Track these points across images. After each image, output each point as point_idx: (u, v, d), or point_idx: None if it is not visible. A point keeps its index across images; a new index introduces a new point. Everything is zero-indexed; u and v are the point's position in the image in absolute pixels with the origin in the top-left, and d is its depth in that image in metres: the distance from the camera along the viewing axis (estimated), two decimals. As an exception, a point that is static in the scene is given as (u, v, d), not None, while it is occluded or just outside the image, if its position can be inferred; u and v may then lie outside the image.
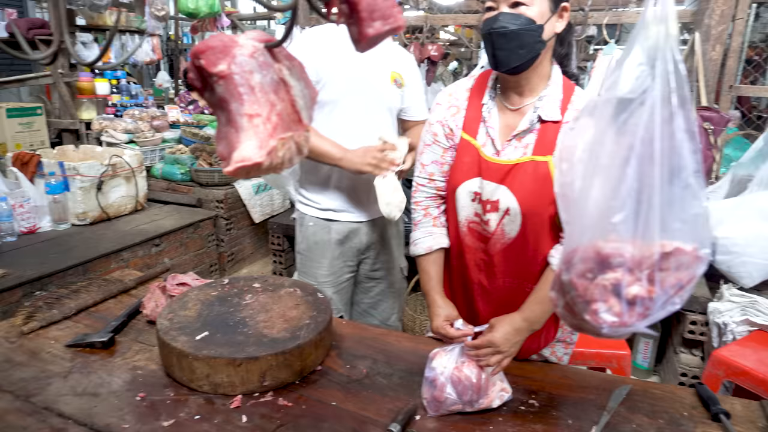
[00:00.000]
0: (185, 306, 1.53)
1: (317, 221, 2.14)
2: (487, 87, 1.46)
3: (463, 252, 1.51)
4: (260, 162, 0.70)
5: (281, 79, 0.74)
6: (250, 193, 3.86)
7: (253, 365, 1.29)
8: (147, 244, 3.17)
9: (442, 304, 1.49)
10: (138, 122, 4.41)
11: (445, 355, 1.29)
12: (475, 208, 1.45)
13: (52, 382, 1.35)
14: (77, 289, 1.87)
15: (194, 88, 0.77)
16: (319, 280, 2.16)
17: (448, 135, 1.50)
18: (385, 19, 0.59)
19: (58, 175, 3.23)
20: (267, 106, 0.71)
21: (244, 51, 0.71)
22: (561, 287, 0.74)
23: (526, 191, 1.37)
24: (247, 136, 0.70)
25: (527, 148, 1.38)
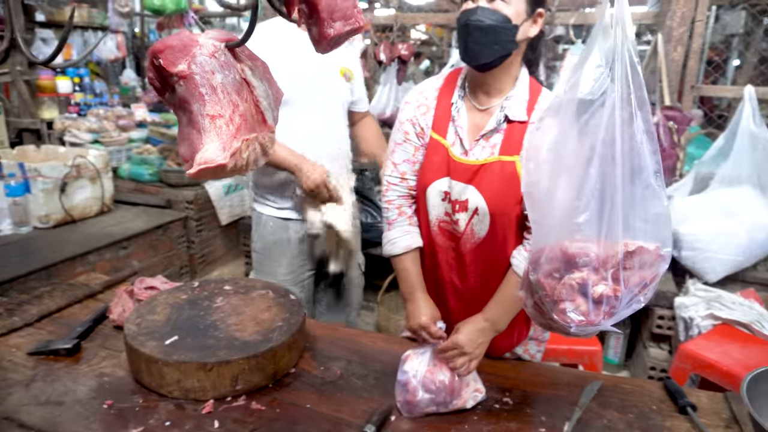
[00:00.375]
0: (154, 310, 1.50)
1: (276, 221, 2.12)
2: (456, 86, 1.47)
3: (435, 251, 1.51)
4: (224, 164, 0.68)
5: (244, 79, 0.72)
6: (220, 194, 3.80)
7: (224, 369, 1.27)
8: (114, 246, 3.09)
9: (427, 303, 1.46)
10: (103, 121, 4.29)
11: (417, 358, 1.29)
12: (446, 208, 1.45)
13: (12, 392, 1.30)
14: (40, 295, 1.81)
15: (154, 88, 0.75)
16: (279, 278, 2.13)
17: (419, 134, 1.49)
18: (346, 19, 0.59)
19: (19, 176, 3.12)
20: (229, 106, 0.69)
21: (205, 50, 0.70)
22: (529, 287, 0.74)
23: (494, 191, 1.38)
24: (209, 137, 0.68)
25: (494, 148, 1.39)
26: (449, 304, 1.53)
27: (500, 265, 1.44)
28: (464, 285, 1.50)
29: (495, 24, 1.30)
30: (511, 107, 1.38)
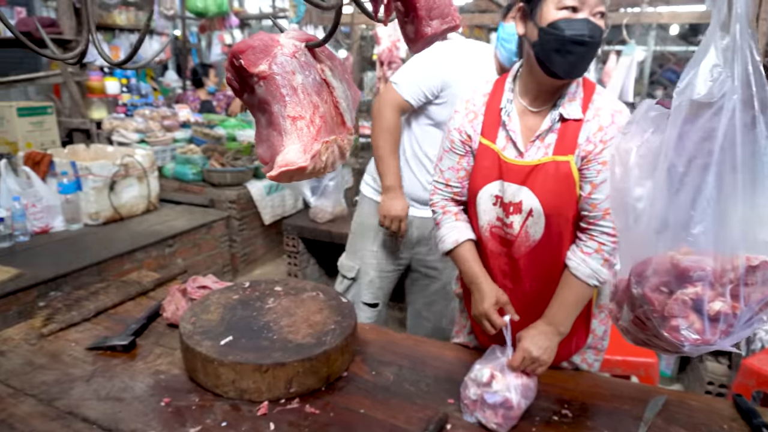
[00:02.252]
0: (207, 309, 1.51)
1: (372, 204, 2.19)
2: (505, 90, 1.44)
3: (486, 258, 1.48)
4: (305, 166, 0.67)
5: (324, 80, 0.71)
6: (262, 194, 3.84)
7: (279, 371, 1.27)
8: (160, 244, 3.15)
9: (492, 288, 1.41)
10: (149, 122, 4.40)
11: (500, 373, 1.24)
12: (497, 212, 1.43)
13: (74, 386, 1.33)
14: (95, 291, 1.85)
15: (232, 89, 0.75)
16: (365, 260, 2.21)
17: (465, 141, 1.49)
18: (443, 17, 0.57)
19: (71, 174, 3.22)
20: (310, 107, 0.68)
21: (285, 50, 0.68)
22: (630, 300, 0.70)
23: (549, 191, 1.35)
24: (290, 139, 0.67)
25: (548, 149, 1.37)
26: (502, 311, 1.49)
27: (556, 269, 1.41)
28: (519, 291, 1.46)
29: (599, 39, 1.27)
30: (566, 106, 1.35)
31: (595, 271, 1.33)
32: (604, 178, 1.30)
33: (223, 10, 5.72)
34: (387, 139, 2.09)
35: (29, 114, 4.12)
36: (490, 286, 1.42)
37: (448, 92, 2.00)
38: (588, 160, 1.32)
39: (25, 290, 2.39)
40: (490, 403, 1.21)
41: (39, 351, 1.49)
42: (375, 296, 2.27)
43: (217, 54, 7.15)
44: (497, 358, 1.30)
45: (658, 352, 0.73)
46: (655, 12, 3.11)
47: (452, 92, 1.99)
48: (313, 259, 3.57)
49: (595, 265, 1.33)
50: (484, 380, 1.24)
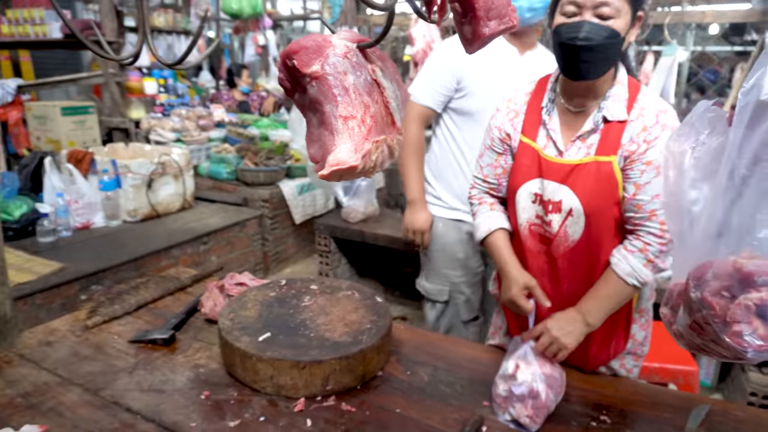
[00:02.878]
0: (245, 306, 1.53)
1: (445, 222, 2.15)
2: (547, 90, 1.45)
3: (524, 256, 1.48)
4: (355, 165, 0.68)
5: (374, 80, 0.71)
6: (294, 193, 3.89)
7: (317, 369, 1.28)
8: (195, 242, 3.22)
9: (519, 273, 1.43)
10: (185, 121, 4.50)
11: (523, 364, 1.24)
12: (537, 210, 1.43)
13: (118, 377, 1.37)
14: (136, 285, 1.90)
15: (284, 89, 0.76)
16: (455, 281, 2.15)
17: (504, 140, 1.50)
18: (501, 18, 0.57)
19: (111, 172, 3.32)
20: (361, 107, 0.69)
21: (338, 51, 0.69)
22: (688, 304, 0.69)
23: (589, 191, 1.34)
24: (342, 138, 0.68)
25: (590, 149, 1.35)
26: (539, 310, 1.48)
27: (595, 271, 1.39)
28: (557, 291, 1.45)
29: (605, 42, 1.23)
30: (610, 107, 1.34)
31: (635, 269, 1.31)
32: (648, 179, 1.28)
33: (257, 11, 5.80)
34: (412, 155, 2.10)
35: (72, 113, 4.26)
36: (519, 272, 1.44)
37: (465, 83, 1.99)
38: (631, 161, 1.31)
39: (68, 283, 2.47)
40: (518, 394, 1.21)
41: (84, 342, 1.54)
42: (473, 310, 2.22)
43: (250, 55, 7.25)
44: (520, 347, 1.31)
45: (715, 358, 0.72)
46: (697, 11, 3.03)
47: (470, 81, 1.98)
48: (344, 259, 3.59)
49: (637, 263, 1.31)
50: (510, 372, 1.26)
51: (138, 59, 0.94)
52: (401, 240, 3.18)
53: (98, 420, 1.20)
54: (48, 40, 4.47)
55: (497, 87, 1.94)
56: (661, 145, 1.27)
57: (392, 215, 3.58)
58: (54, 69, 6.68)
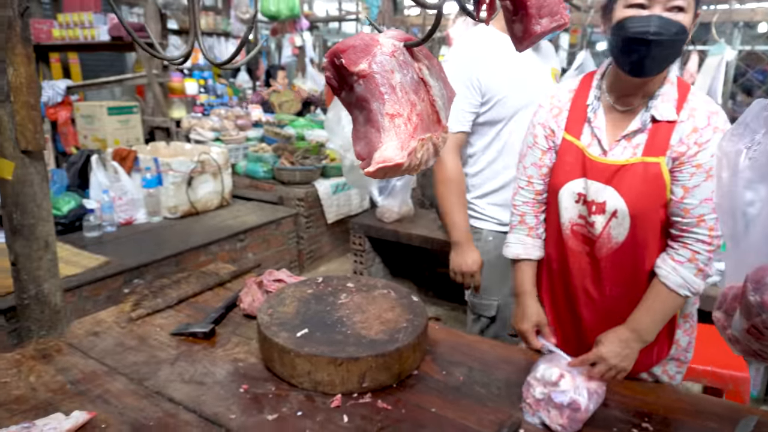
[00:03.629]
0: (283, 302, 1.56)
1: (496, 235, 2.00)
2: (592, 87, 1.41)
3: (566, 256, 1.45)
4: (401, 163, 0.68)
5: (421, 78, 0.72)
6: (329, 192, 3.92)
7: (353, 365, 1.29)
8: (233, 239, 3.29)
9: (535, 310, 1.47)
10: (224, 121, 4.59)
11: (570, 376, 1.22)
12: (579, 210, 1.40)
13: (161, 368, 1.41)
14: (177, 280, 1.95)
15: (330, 87, 0.77)
16: (503, 295, 2.00)
17: (548, 136, 1.47)
18: (552, 15, 0.56)
19: (153, 170, 3.42)
20: (408, 105, 0.69)
21: (385, 50, 0.70)
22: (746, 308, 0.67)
23: (636, 193, 1.30)
24: (388, 136, 0.68)
25: (637, 149, 1.32)
26: (581, 313, 1.45)
27: (639, 275, 1.36)
28: (600, 294, 1.42)
29: (675, 39, 1.20)
30: (659, 107, 1.30)
31: (687, 280, 1.27)
32: (697, 182, 1.25)
33: (295, 13, 5.88)
34: (451, 189, 1.94)
35: (117, 113, 4.41)
36: (534, 308, 1.47)
37: (491, 92, 1.87)
38: (681, 163, 1.27)
39: (112, 277, 2.56)
40: (557, 402, 1.19)
41: (129, 334, 1.59)
42: None
43: (287, 56, 7.36)
44: (564, 362, 1.29)
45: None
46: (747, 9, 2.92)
47: (495, 88, 1.86)
48: (378, 258, 3.61)
49: (688, 274, 1.27)
50: (553, 379, 1.23)
51: (188, 59, 0.97)
52: (435, 240, 3.18)
53: (143, 408, 1.24)
54: (96, 43, 4.64)
55: (522, 85, 1.86)
56: (712, 148, 1.23)
57: (426, 215, 3.58)
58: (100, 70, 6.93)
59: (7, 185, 1.49)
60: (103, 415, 1.21)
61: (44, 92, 4.86)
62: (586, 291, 1.42)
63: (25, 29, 1.43)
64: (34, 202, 1.52)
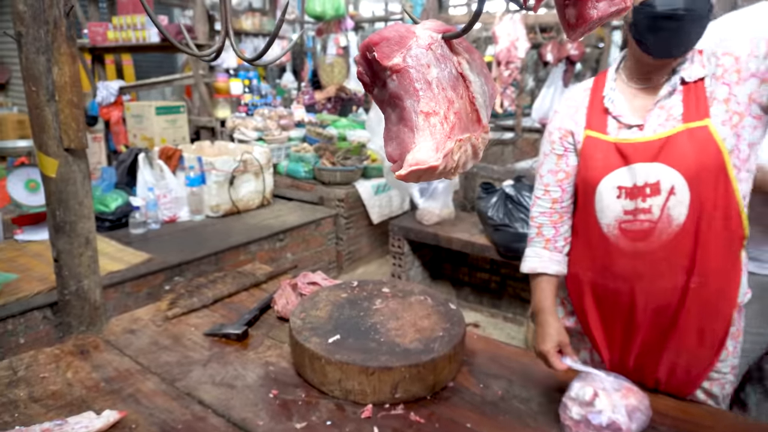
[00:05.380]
0: (316, 306, 1.52)
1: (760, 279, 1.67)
2: (607, 80, 1.38)
3: (612, 261, 1.34)
4: (436, 166, 0.63)
5: (460, 73, 0.66)
6: (370, 193, 3.89)
7: (386, 375, 1.24)
8: (272, 238, 3.29)
9: (556, 328, 1.35)
10: (267, 121, 4.63)
11: (604, 394, 1.14)
12: (624, 205, 1.30)
13: (193, 369, 1.40)
14: (214, 279, 1.95)
15: (362, 83, 0.72)
16: None
17: (563, 137, 1.43)
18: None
19: (197, 168, 3.46)
20: (444, 103, 0.64)
21: (421, 42, 0.65)
22: None
23: (689, 162, 1.22)
24: (422, 136, 0.63)
25: (672, 111, 1.26)
26: (636, 317, 1.34)
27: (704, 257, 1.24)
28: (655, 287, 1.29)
29: (703, 12, 1.16)
30: (688, 68, 1.26)
31: None
32: None
33: (340, 13, 5.88)
34: None
35: (165, 112, 4.51)
36: (555, 327, 1.35)
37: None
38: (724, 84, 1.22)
39: (154, 274, 2.60)
40: (596, 424, 1.11)
41: (164, 332, 1.59)
42: None
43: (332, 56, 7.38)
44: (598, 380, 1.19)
45: None
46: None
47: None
48: (417, 261, 3.55)
49: None
50: (587, 398, 1.15)
51: (220, 54, 0.94)
52: (475, 244, 3.09)
53: (172, 410, 1.23)
54: (146, 45, 4.76)
55: None
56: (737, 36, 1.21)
57: (467, 219, 3.49)
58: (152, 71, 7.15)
59: (50, 183, 1.51)
60: (133, 415, 1.21)
61: (98, 92, 5.04)
62: (643, 290, 1.31)
63: (70, 28, 1.45)
64: (76, 200, 1.54)
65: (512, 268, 3.41)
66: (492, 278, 3.52)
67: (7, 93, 7.66)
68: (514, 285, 3.49)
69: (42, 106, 1.45)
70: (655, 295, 1.31)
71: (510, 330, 3.30)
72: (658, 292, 1.30)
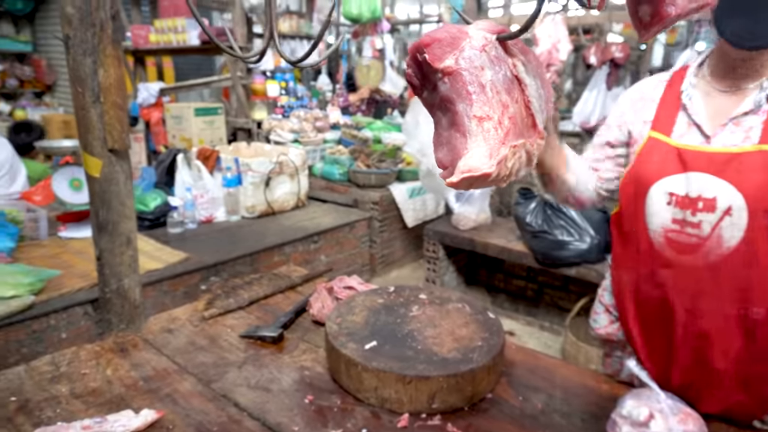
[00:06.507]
0: (353, 311, 1.50)
1: None
2: (687, 75, 1.29)
3: (655, 270, 1.28)
4: (489, 173, 0.60)
5: (515, 76, 0.63)
6: (405, 196, 3.86)
7: (423, 384, 1.21)
8: (306, 240, 3.30)
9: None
10: (303, 123, 4.66)
11: (660, 416, 1.08)
12: (673, 213, 1.23)
13: (228, 371, 1.40)
14: (250, 281, 1.95)
15: (411, 86, 0.70)
16: None
17: (620, 125, 1.40)
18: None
19: (234, 169, 3.50)
20: (499, 107, 0.61)
21: (474, 43, 0.62)
22: None
23: (755, 186, 1.13)
24: (475, 142, 0.60)
25: (750, 133, 1.16)
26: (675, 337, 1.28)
27: (751, 289, 1.16)
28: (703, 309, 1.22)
29: None
30: None
31: None
32: None
33: (377, 15, 5.88)
34: None
35: (203, 114, 4.59)
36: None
37: None
38: None
39: (190, 273, 2.63)
40: None
41: (200, 333, 1.60)
42: None
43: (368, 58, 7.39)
44: (654, 400, 1.13)
45: None
46: None
47: None
48: (452, 267, 3.50)
49: None
50: (641, 419, 1.09)
51: (263, 57, 0.93)
52: (512, 250, 3.03)
53: (208, 412, 1.23)
54: (187, 47, 4.86)
55: None
56: None
57: (504, 224, 3.43)
58: (191, 73, 7.29)
59: (94, 183, 1.54)
60: (170, 416, 1.21)
61: (139, 94, 5.16)
62: (688, 310, 1.24)
63: (116, 31, 1.47)
64: (119, 200, 1.57)
65: (550, 275, 3.33)
66: (528, 286, 3.45)
67: (54, 94, 7.94)
68: (552, 293, 3.41)
69: (87, 107, 1.48)
70: (698, 315, 1.23)
71: (547, 339, 3.22)
72: (702, 313, 1.22)
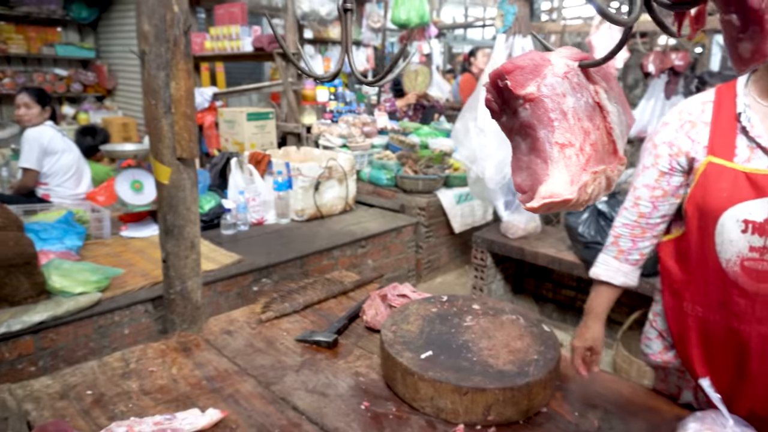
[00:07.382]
0: (407, 319, 1.53)
1: None
2: (737, 94, 1.24)
3: (729, 298, 1.25)
4: (570, 199, 0.61)
5: (597, 103, 0.64)
6: (452, 202, 3.86)
7: (479, 396, 1.22)
8: (354, 244, 3.35)
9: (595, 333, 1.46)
10: (351, 128, 4.71)
11: None
12: (750, 241, 1.20)
13: (286, 374, 1.44)
14: (304, 286, 2.00)
15: (489, 110, 0.71)
16: None
17: (674, 155, 1.33)
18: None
19: (285, 173, 3.59)
20: (580, 134, 0.62)
21: (557, 71, 0.63)
22: None
23: None
24: (557, 168, 0.61)
25: None
26: (751, 368, 1.24)
27: None
28: None
29: None
30: None
31: None
32: None
33: (425, 20, 5.89)
34: None
35: (255, 119, 4.71)
36: (596, 331, 1.46)
37: None
38: None
39: (243, 275, 2.71)
40: None
41: (258, 335, 1.65)
42: None
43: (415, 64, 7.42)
44: (720, 424, 1.10)
45: None
46: None
47: None
48: (500, 275, 3.48)
49: None
50: None
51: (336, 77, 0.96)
52: (563, 261, 2.98)
53: (269, 414, 1.27)
54: (241, 53, 5.00)
55: None
56: None
57: (553, 233, 3.38)
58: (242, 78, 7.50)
59: (163, 189, 1.62)
60: (233, 416, 1.26)
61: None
62: (761, 339, 1.21)
63: (187, 45, 1.54)
64: (185, 206, 1.64)
65: (599, 286, 3.26)
66: (578, 296, 3.38)
67: (114, 98, 8.30)
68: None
69: (159, 118, 1.55)
70: None
71: (595, 351, 3.16)
72: None
